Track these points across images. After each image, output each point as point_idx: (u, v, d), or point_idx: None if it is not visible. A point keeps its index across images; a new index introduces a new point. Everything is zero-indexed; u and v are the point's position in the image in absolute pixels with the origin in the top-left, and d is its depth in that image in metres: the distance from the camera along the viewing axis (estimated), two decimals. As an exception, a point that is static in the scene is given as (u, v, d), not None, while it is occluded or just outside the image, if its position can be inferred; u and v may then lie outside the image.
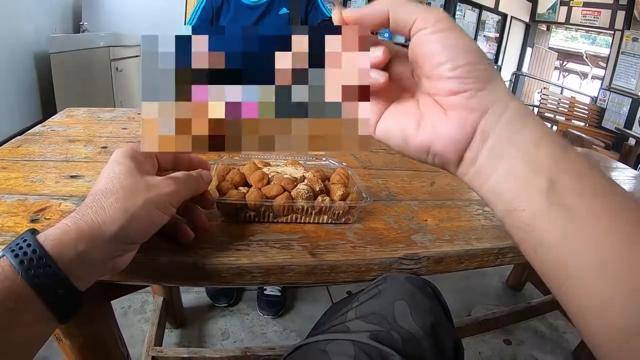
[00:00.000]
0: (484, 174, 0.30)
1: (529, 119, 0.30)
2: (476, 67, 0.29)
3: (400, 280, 0.49)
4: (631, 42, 6.87)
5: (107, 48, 2.86)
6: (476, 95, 0.29)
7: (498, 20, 9.07)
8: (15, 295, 0.31)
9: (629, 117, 6.68)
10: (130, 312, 1.47)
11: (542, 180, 0.27)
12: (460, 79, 0.29)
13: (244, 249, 0.49)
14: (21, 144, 0.74)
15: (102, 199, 0.38)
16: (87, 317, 0.54)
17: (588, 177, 0.28)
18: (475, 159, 0.30)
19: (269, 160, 0.64)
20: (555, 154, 0.28)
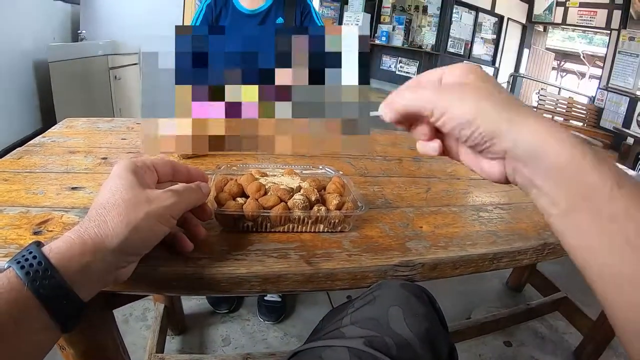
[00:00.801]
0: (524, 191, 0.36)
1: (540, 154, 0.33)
2: (477, 134, 0.34)
3: (395, 287, 0.50)
4: (628, 41, 6.88)
5: (105, 56, 2.87)
6: (489, 150, 0.35)
7: (495, 22, 9.09)
8: (21, 306, 0.32)
9: (627, 116, 6.68)
10: (132, 319, 1.48)
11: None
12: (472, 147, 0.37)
13: (242, 259, 0.50)
14: (22, 156, 0.75)
15: (105, 212, 0.39)
16: (90, 326, 0.55)
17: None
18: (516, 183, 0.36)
19: (266, 170, 0.65)
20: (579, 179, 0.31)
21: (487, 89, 0.35)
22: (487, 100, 0.34)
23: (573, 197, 0.31)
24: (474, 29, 8.91)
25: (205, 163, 0.80)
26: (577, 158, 0.31)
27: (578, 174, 0.31)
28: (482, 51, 9.23)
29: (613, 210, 0.29)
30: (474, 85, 0.36)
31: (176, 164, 0.52)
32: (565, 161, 0.31)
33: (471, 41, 8.98)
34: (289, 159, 0.90)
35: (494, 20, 9.07)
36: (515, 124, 0.33)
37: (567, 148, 0.31)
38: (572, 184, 0.31)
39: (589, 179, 0.30)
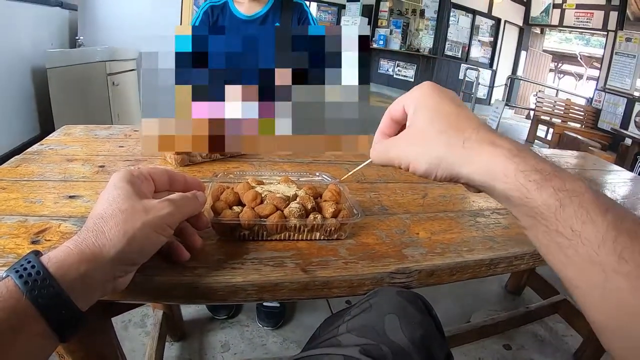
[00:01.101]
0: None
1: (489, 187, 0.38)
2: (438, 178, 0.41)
3: (391, 294, 0.50)
4: (625, 42, 6.90)
5: (103, 62, 2.87)
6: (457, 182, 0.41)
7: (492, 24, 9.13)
8: (19, 315, 0.33)
9: (625, 117, 6.69)
10: (131, 325, 1.47)
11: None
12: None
13: (239, 267, 0.50)
14: (20, 164, 0.75)
15: (102, 222, 0.40)
16: (88, 334, 0.55)
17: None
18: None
19: (262, 178, 0.65)
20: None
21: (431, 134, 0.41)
22: (435, 148, 0.40)
23: (525, 217, 0.36)
24: (471, 32, 8.95)
25: (202, 171, 0.81)
26: (520, 187, 0.35)
27: (524, 200, 0.35)
28: (480, 54, 9.27)
29: (559, 228, 0.33)
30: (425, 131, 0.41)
31: (173, 173, 0.52)
32: (510, 192, 0.36)
33: (468, 44, 9.03)
34: (285, 165, 0.90)
35: (491, 23, 9.11)
36: (463, 165, 0.39)
37: (511, 180, 0.36)
38: (521, 208, 0.36)
39: (533, 203, 0.34)
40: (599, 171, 1.41)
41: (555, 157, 1.53)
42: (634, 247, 0.30)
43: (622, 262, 0.29)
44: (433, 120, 0.41)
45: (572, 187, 0.34)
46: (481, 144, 0.38)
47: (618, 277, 0.29)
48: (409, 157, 0.42)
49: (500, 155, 0.37)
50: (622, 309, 0.30)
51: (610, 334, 0.31)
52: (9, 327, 0.32)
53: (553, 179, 0.34)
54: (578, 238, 0.32)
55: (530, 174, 0.35)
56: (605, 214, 0.32)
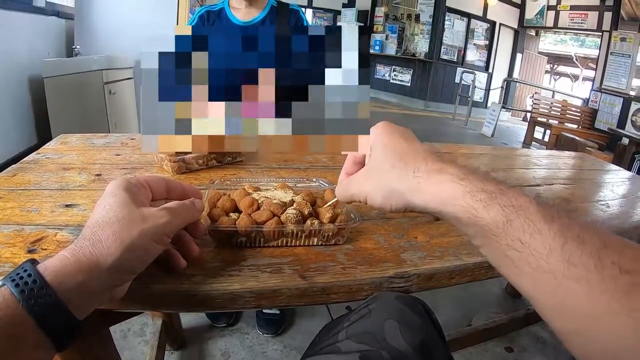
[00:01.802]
0: None
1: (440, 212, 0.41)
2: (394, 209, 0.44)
3: (390, 299, 0.50)
4: (619, 42, 6.95)
5: (100, 71, 2.87)
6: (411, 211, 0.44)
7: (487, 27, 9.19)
8: (16, 324, 0.32)
9: (621, 117, 6.73)
10: (130, 334, 1.46)
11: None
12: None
13: (236, 274, 0.50)
14: (16, 173, 0.75)
15: (99, 231, 0.39)
16: (86, 344, 0.54)
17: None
18: None
19: (259, 184, 0.65)
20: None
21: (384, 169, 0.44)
22: (388, 182, 0.44)
23: (477, 236, 0.38)
24: (466, 35, 9.01)
25: (199, 178, 0.80)
26: (469, 207, 0.37)
27: (473, 220, 0.37)
28: (475, 57, 9.32)
29: (509, 242, 0.35)
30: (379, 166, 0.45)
31: (170, 181, 0.52)
32: (459, 213, 0.38)
33: (464, 48, 9.07)
34: (282, 172, 0.90)
35: (486, 26, 9.17)
36: (414, 195, 0.42)
37: (459, 202, 0.38)
38: (472, 227, 0.38)
39: (482, 221, 0.37)
40: (597, 171, 1.41)
41: (553, 158, 1.54)
42: (582, 252, 0.31)
43: (572, 267, 0.31)
44: (386, 155, 0.45)
45: (517, 203, 0.36)
46: (429, 173, 0.41)
47: (569, 282, 0.30)
48: (366, 191, 0.46)
49: (448, 181, 0.40)
50: (577, 312, 0.30)
51: (571, 339, 0.32)
52: (5, 336, 0.31)
53: (499, 197, 0.37)
54: (527, 249, 0.33)
55: (477, 194, 0.37)
56: (551, 223, 0.33)
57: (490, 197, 0.37)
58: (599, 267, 0.30)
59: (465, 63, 9.11)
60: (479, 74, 8.73)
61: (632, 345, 0.28)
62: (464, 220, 0.38)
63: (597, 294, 0.29)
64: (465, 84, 8.15)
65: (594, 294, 0.29)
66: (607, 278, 0.29)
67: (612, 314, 0.28)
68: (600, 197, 1.09)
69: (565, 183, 1.18)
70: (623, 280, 0.29)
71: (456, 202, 0.38)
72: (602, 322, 0.29)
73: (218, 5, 1.57)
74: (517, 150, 1.89)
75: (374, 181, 0.46)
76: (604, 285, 0.29)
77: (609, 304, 0.28)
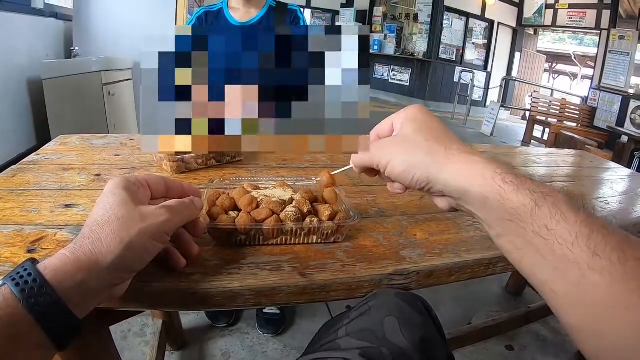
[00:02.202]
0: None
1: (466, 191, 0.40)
2: (414, 181, 0.43)
3: (390, 296, 0.50)
4: (618, 40, 6.95)
5: (98, 73, 2.87)
6: (430, 191, 0.44)
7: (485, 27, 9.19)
8: (16, 323, 0.32)
9: (620, 115, 6.73)
10: (131, 335, 1.46)
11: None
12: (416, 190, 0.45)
13: (236, 273, 0.50)
14: (16, 174, 0.75)
15: (99, 229, 0.39)
16: (86, 343, 0.55)
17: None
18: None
19: (258, 183, 0.65)
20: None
21: (416, 140, 0.44)
22: (417, 152, 0.43)
23: (502, 221, 0.37)
24: (465, 34, 9.01)
25: (198, 178, 0.81)
26: (498, 189, 0.37)
27: (501, 202, 0.37)
28: (474, 56, 9.32)
29: (535, 228, 0.34)
30: (410, 137, 0.44)
31: (169, 181, 0.52)
32: (487, 193, 0.37)
33: (462, 47, 9.08)
34: (282, 170, 0.90)
35: (484, 25, 9.17)
36: (442, 169, 0.41)
37: (489, 182, 0.37)
38: (497, 211, 0.37)
39: (510, 204, 0.36)
40: (596, 168, 1.41)
41: (552, 156, 1.54)
42: (607, 244, 0.31)
43: (596, 258, 0.30)
44: (421, 129, 0.44)
45: (545, 190, 0.36)
46: (460, 153, 0.41)
47: (593, 273, 0.30)
48: (390, 156, 0.45)
49: (478, 162, 0.40)
50: (597, 308, 0.30)
51: (586, 335, 0.32)
52: (6, 336, 0.31)
53: (527, 182, 0.36)
54: (553, 237, 0.33)
55: (507, 176, 0.37)
56: (577, 212, 0.33)
57: (520, 181, 0.37)
58: (623, 261, 0.30)
59: (464, 62, 9.11)
60: (477, 73, 8.73)
61: (637, 342, 0.28)
62: (490, 202, 0.37)
63: (619, 287, 0.29)
64: (464, 83, 8.16)
65: (616, 287, 0.29)
66: (630, 272, 0.29)
67: (631, 308, 0.28)
68: (600, 194, 1.09)
69: (564, 180, 1.18)
70: None
71: (485, 182, 0.38)
72: (621, 316, 0.29)
73: (217, 5, 1.57)
74: (517, 149, 1.89)
75: (402, 148, 0.44)
76: (626, 279, 0.29)
77: (630, 298, 0.28)
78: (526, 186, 0.36)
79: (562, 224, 0.33)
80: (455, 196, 0.41)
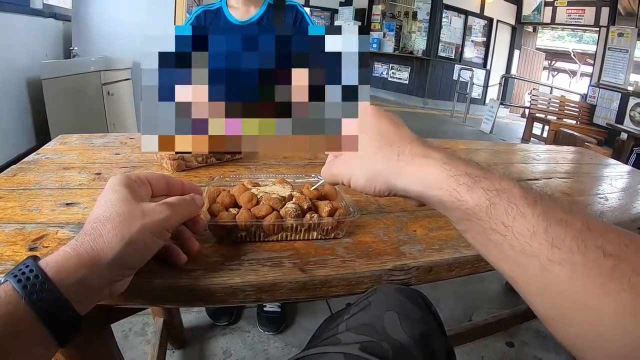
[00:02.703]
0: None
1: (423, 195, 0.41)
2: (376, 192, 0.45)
3: (390, 291, 0.50)
4: (617, 37, 6.94)
5: (97, 72, 2.87)
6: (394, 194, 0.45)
7: (484, 24, 9.19)
8: (18, 319, 0.32)
9: (620, 112, 6.72)
10: (132, 334, 1.47)
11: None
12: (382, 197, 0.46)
13: (236, 269, 0.50)
14: (16, 173, 0.75)
15: (100, 226, 0.40)
16: (88, 341, 0.54)
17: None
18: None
19: (258, 180, 0.65)
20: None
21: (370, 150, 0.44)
22: (373, 163, 0.44)
23: (462, 221, 0.38)
24: (463, 32, 9.00)
25: (198, 176, 0.81)
26: (452, 191, 0.38)
27: (457, 203, 0.37)
28: (473, 54, 9.32)
29: (492, 226, 0.35)
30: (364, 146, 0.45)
31: (170, 178, 0.52)
32: (442, 197, 0.39)
33: (461, 45, 9.07)
34: (282, 168, 0.90)
35: (483, 22, 9.16)
36: (397, 177, 0.42)
37: (443, 186, 0.38)
38: (455, 212, 0.38)
39: (465, 205, 0.37)
40: (595, 165, 1.42)
41: (552, 153, 1.54)
42: (566, 235, 0.31)
43: (555, 250, 0.31)
44: (372, 138, 0.45)
45: (500, 186, 0.36)
46: (413, 157, 0.42)
47: (553, 265, 0.30)
48: (350, 172, 0.46)
49: (431, 165, 0.40)
50: (561, 297, 0.30)
51: (554, 323, 0.32)
52: (8, 333, 0.31)
53: (482, 181, 0.37)
54: (511, 232, 0.33)
55: (460, 178, 0.38)
56: (534, 206, 0.34)
57: (474, 180, 0.37)
58: (583, 250, 0.30)
59: (463, 60, 9.11)
60: (476, 70, 8.72)
61: (612, 327, 0.28)
62: (447, 204, 0.38)
63: (580, 277, 0.29)
64: (463, 81, 8.15)
65: (577, 277, 0.29)
66: (591, 261, 0.29)
67: (594, 297, 0.29)
68: (599, 190, 1.09)
69: (564, 177, 1.18)
70: (606, 263, 0.29)
71: (440, 186, 0.39)
72: (585, 305, 0.29)
73: (216, 4, 1.57)
74: (516, 145, 1.89)
75: (359, 163, 0.46)
76: (587, 268, 0.29)
77: (592, 287, 0.29)
78: (480, 185, 0.37)
79: (518, 219, 0.33)
80: (417, 199, 0.43)
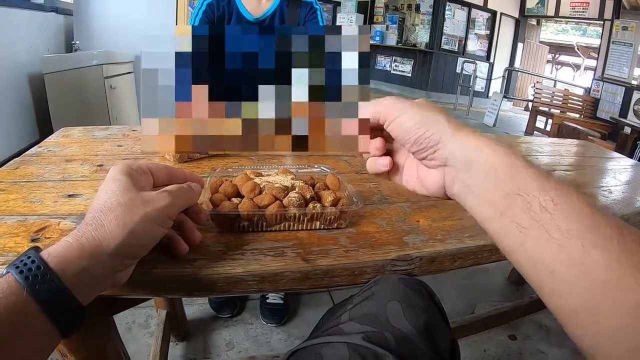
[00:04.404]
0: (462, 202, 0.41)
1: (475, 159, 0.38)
2: (423, 138, 0.40)
3: (393, 281, 0.50)
4: (621, 30, 6.89)
5: (99, 66, 2.87)
6: (433, 156, 0.41)
7: (488, 17, 9.12)
8: (20, 310, 0.32)
9: (623, 106, 6.69)
10: (135, 327, 1.47)
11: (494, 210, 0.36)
12: (417, 152, 0.42)
13: (239, 258, 0.50)
14: (19, 166, 0.75)
15: (102, 216, 0.40)
16: (90, 332, 0.55)
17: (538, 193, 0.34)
18: (454, 195, 0.42)
19: (260, 170, 0.65)
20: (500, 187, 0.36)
21: (429, 105, 0.42)
22: (433, 111, 0.41)
23: (507, 197, 0.35)
24: (467, 25, 8.93)
25: (201, 166, 0.81)
26: (507, 160, 0.36)
27: (510, 174, 0.35)
28: (476, 47, 9.25)
29: (542, 202, 0.33)
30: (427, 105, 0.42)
31: (172, 169, 0.52)
32: (497, 164, 0.36)
33: (465, 37, 9.01)
34: (284, 159, 0.90)
35: (487, 15, 9.09)
36: (456, 137, 0.39)
37: (499, 153, 0.37)
38: (504, 184, 0.35)
39: (520, 176, 0.35)
40: (599, 158, 1.41)
41: (555, 145, 1.53)
42: (607, 223, 0.31)
43: (598, 236, 0.30)
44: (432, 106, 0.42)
45: (548, 172, 0.35)
46: (476, 135, 0.39)
47: (595, 250, 0.30)
48: (400, 111, 0.41)
49: (489, 137, 0.39)
50: (595, 285, 0.30)
51: (579, 318, 0.31)
52: (10, 324, 0.31)
53: (534, 161, 0.37)
54: (560, 212, 0.32)
55: (516, 151, 0.37)
56: (577, 192, 0.33)
57: (527, 159, 0.36)
58: (621, 241, 0.30)
59: (466, 53, 9.05)
60: (480, 63, 8.68)
61: (636, 320, 0.28)
62: (499, 174, 0.36)
63: (615, 266, 0.29)
64: (467, 74, 8.11)
65: (614, 265, 0.29)
66: (627, 252, 0.29)
67: (623, 289, 0.28)
68: (603, 183, 1.09)
69: (567, 170, 1.17)
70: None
71: (496, 153, 0.37)
72: (617, 296, 0.29)
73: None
74: (520, 138, 1.88)
75: (415, 107, 0.41)
76: (622, 258, 0.29)
77: (624, 278, 0.28)
78: (534, 162, 0.36)
79: (566, 199, 0.32)
80: (460, 166, 0.39)
